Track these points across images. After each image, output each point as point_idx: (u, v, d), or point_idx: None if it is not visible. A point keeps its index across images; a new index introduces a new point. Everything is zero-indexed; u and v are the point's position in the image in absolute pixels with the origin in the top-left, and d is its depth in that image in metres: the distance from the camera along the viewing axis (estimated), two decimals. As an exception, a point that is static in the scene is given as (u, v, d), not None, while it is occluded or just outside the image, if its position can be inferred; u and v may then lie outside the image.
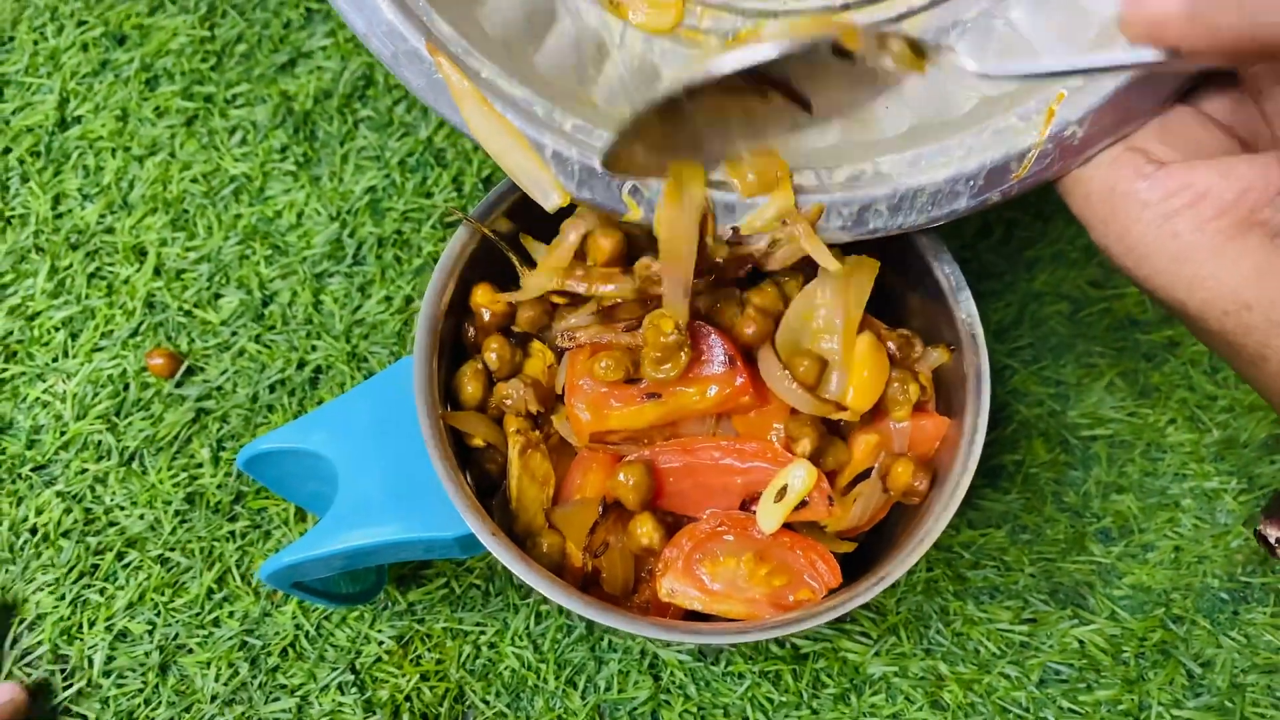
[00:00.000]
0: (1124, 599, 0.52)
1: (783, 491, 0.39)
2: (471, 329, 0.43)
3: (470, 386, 0.42)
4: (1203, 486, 0.54)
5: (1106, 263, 0.58)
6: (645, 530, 0.39)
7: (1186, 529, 0.53)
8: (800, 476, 0.39)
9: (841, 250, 0.42)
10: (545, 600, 0.52)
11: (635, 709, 0.50)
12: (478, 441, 0.41)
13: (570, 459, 0.42)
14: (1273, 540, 0.48)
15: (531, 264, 0.45)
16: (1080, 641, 0.51)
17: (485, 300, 0.44)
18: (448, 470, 0.38)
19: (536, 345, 0.43)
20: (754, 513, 0.40)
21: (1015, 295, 0.58)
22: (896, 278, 0.43)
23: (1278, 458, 0.54)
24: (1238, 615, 0.52)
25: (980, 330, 0.42)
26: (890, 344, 0.42)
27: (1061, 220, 0.59)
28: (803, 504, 0.39)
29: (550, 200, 0.38)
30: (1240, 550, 0.53)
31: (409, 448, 0.39)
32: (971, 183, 0.37)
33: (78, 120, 0.60)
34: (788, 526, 0.40)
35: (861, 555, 0.43)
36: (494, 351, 0.42)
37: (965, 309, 0.42)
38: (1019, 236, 0.59)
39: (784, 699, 0.51)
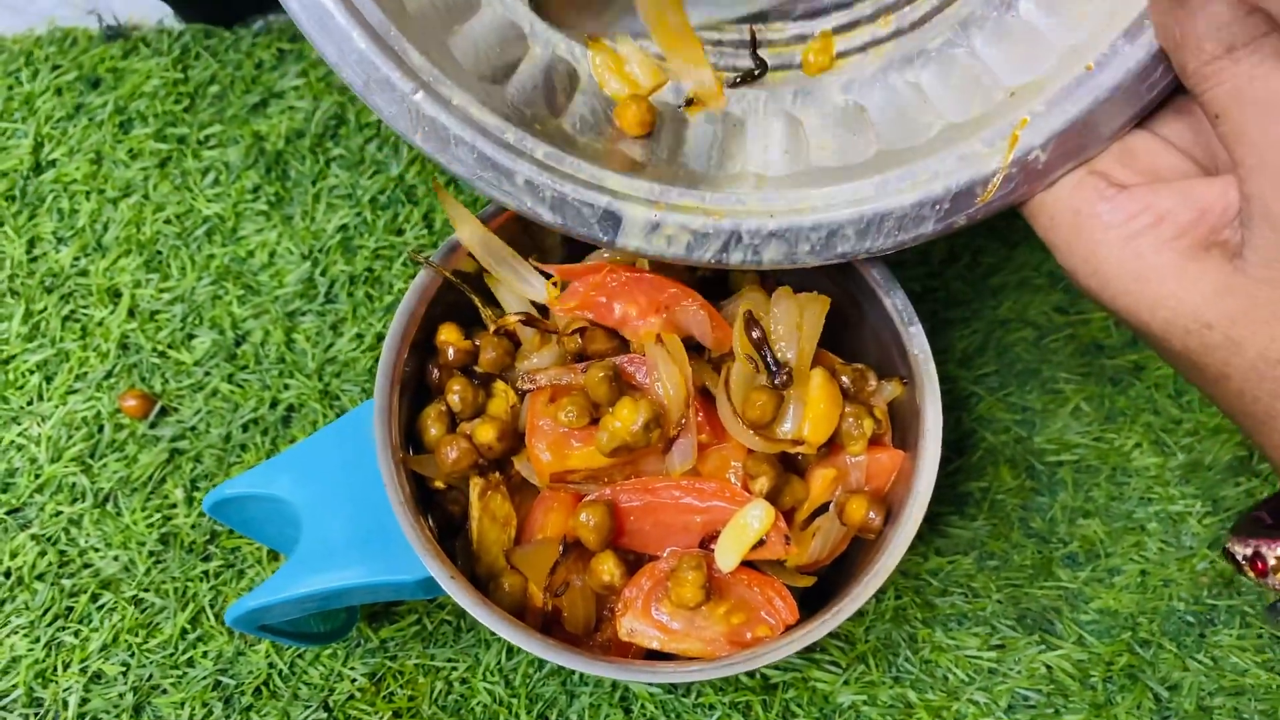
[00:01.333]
0: (1091, 624, 0.53)
1: (741, 531, 0.40)
2: (435, 370, 0.44)
3: (434, 429, 0.42)
4: (1168, 510, 0.55)
5: (1071, 288, 0.59)
6: (608, 568, 0.39)
7: (1152, 552, 0.54)
8: (758, 516, 0.39)
9: (793, 287, 0.43)
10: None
11: (607, 742, 0.51)
12: (439, 484, 0.42)
13: (533, 499, 0.42)
14: (1240, 558, 0.49)
15: (495, 304, 0.46)
16: (1048, 667, 0.52)
17: (451, 338, 0.44)
18: (407, 514, 0.38)
19: (499, 385, 0.44)
20: (713, 551, 0.40)
21: (981, 322, 0.58)
22: (849, 312, 0.44)
23: (1242, 480, 0.55)
24: (1204, 638, 0.53)
25: (932, 365, 0.42)
26: (844, 378, 0.43)
27: (1026, 247, 0.60)
28: (760, 542, 0.40)
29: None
30: (1206, 573, 0.53)
31: (372, 491, 0.40)
32: (937, 207, 0.38)
33: (52, 164, 0.61)
34: (747, 564, 0.41)
35: (824, 588, 0.44)
36: (456, 393, 0.42)
37: (917, 344, 0.42)
38: (985, 263, 0.59)
39: (755, 729, 0.51)
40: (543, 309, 0.45)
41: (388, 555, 0.39)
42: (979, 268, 0.60)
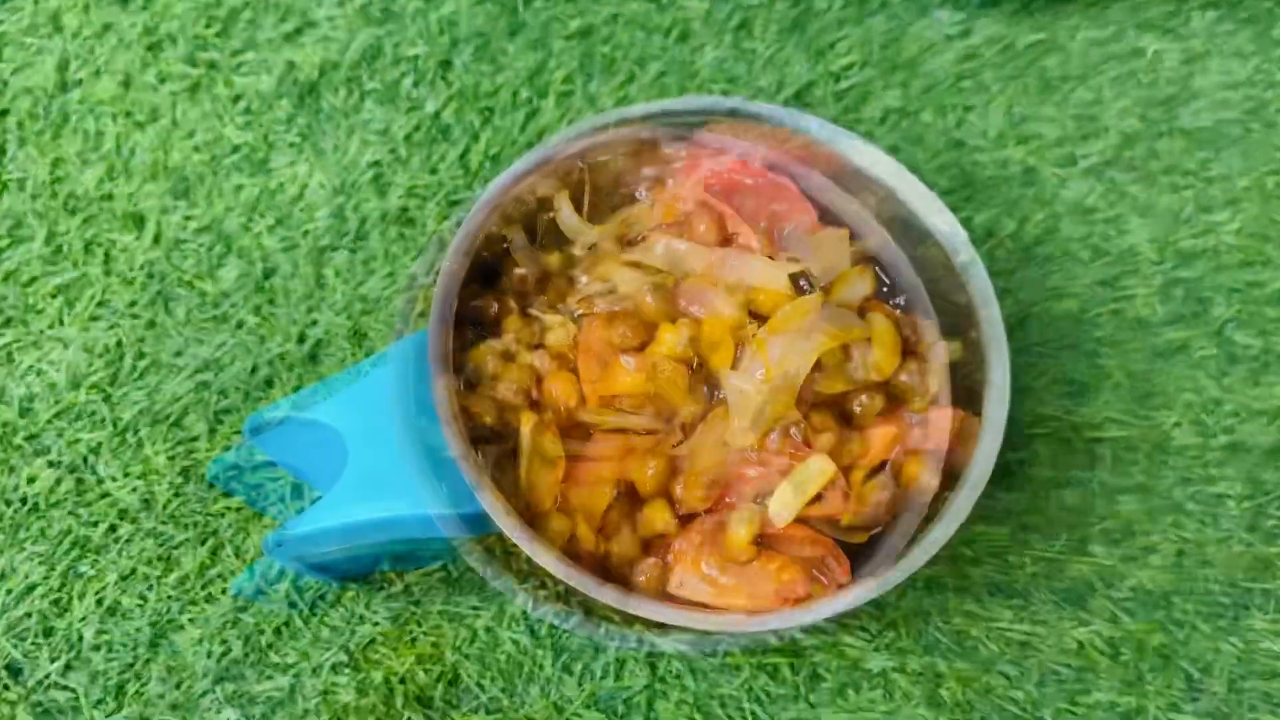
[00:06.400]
0: (1125, 601, 0.52)
1: (799, 486, 0.39)
2: (495, 305, 0.43)
3: (491, 363, 0.41)
4: (1207, 491, 0.54)
5: (1117, 262, 0.58)
6: (662, 516, 0.39)
7: (1190, 533, 0.53)
8: (818, 470, 0.38)
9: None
10: (543, 585, 0.51)
11: (631, 698, 0.50)
12: (488, 419, 0.41)
13: (578, 444, 0.41)
14: None
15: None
16: (1080, 643, 0.51)
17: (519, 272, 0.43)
18: (462, 447, 0.37)
19: (556, 319, 0.42)
20: (767, 506, 0.39)
21: (1024, 293, 0.57)
22: (919, 274, 0.43)
23: (1283, 464, 0.54)
24: (1238, 621, 0.52)
25: (1000, 325, 0.41)
26: (904, 329, 0.42)
27: (1070, 220, 0.59)
28: (818, 498, 0.39)
29: None
30: (1242, 556, 0.53)
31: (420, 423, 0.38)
32: None
33: (78, 83, 0.59)
34: (801, 521, 0.40)
35: (867, 550, 0.43)
36: (512, 332, 0.41)
37: (984, 300, 0.41)
38: (1029, 234, 0.58)
39: (781, 692, 0.50)
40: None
41: (435, 489, 0.38)
42: (1023, 238, 0.59)
